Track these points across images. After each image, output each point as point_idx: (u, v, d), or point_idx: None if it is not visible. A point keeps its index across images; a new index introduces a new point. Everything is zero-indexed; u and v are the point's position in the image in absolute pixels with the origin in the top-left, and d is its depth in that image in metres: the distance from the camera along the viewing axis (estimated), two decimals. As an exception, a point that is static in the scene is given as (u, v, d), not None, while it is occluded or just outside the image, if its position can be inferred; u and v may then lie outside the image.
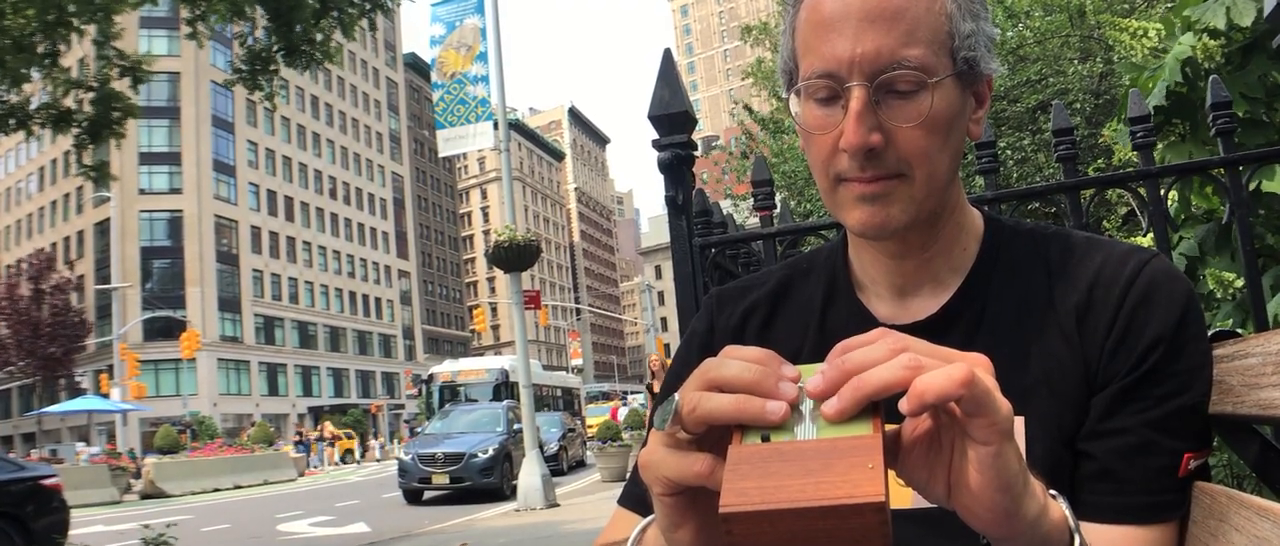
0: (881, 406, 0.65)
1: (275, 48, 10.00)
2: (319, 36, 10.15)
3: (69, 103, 10.13)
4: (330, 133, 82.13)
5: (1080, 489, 0.89)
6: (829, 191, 0.96)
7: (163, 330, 58.11)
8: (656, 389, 9.01)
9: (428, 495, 18.14)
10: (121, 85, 10.27)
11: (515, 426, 18.46)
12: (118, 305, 46.60)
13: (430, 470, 17.62)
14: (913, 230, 0.95)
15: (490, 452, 17.68)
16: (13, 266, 51.65)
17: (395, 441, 52.98)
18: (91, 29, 10.02)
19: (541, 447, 15.15)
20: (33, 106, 10.09)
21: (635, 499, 1.02)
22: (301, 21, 9.77)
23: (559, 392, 37.22)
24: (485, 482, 17.32)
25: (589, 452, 25.37)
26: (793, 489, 0.61)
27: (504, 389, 27.66)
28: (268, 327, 71.37)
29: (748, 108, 17.56)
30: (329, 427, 47.38)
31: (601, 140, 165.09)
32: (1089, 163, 8.88)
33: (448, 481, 17.52)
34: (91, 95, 10.01)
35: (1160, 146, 3.00)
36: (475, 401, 25.68)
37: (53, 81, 9.80)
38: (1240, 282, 2.91)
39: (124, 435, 43.57)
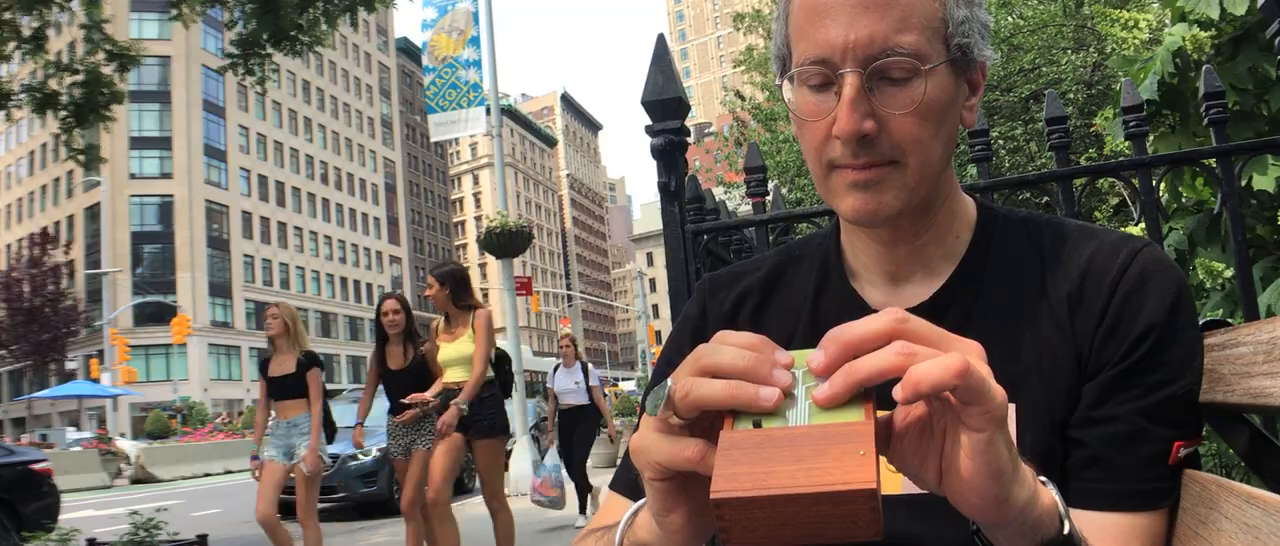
0: (874, 392, 0.65)
1: (265, 36, 9.94)
2: (304, 23, 10.09)
3: (55, 85, 10.04)
4: (322, 117, 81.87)
5: (1071, 476, 0.89)
6: (822, 178, 0.95)
7: (153, 315, 58.09)
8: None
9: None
10: (109, 71, 10.18)
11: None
12: (108, 290, 46.44)
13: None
14: (905, 217, 0.95)
15: (374, 454, 12.82)
16: (14, 256, 51.24)
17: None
18: (80, 13, 9.93)
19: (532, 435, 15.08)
20: (17, 90, 10.00)
21: (628, 484, 1.02)
22: (286, 10, 9.72)
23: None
24: (365, 492, 13.19)
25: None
26: (784, 475, 0.61)
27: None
28: (258, 313, 71.18)
29: (738, 94, 17.50)
30: None
31: (594, 126, 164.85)
32: (1081, 152, 8.92)
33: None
34: (78, 79, 9.92)
35: (1151, 138, 3.00)
36: None
37: (36, 62, 9.71)
38: (1229, 273, 2.92)
39: (114, 420, 43.49)
